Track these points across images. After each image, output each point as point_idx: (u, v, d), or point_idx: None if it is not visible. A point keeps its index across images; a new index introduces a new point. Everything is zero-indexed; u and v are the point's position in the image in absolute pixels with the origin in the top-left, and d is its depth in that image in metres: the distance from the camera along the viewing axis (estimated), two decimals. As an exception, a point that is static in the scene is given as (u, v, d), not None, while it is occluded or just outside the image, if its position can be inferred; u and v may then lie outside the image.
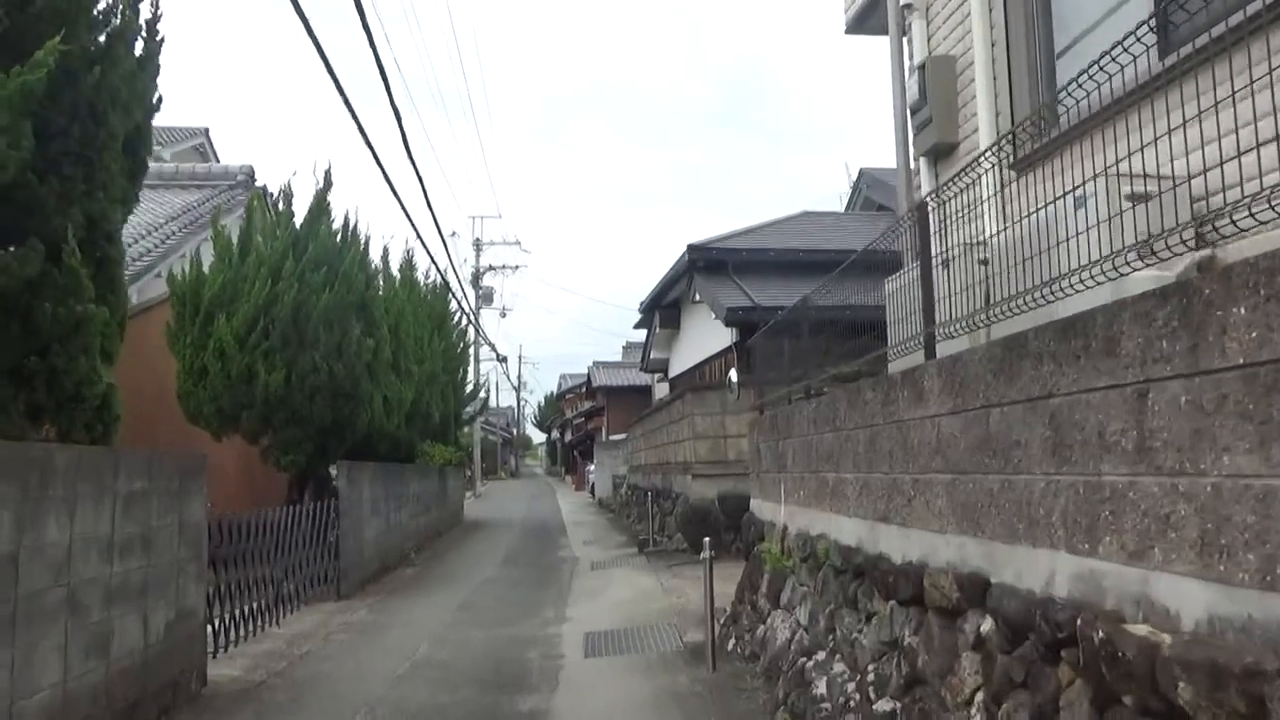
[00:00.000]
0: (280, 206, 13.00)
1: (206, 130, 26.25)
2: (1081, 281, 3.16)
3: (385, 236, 42.12)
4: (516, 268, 47.72)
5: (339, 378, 11.90)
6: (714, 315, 17.39)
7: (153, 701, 5.78)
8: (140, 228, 14.50)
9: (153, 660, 5.80)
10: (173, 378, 11.89)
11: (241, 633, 8.11)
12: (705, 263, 18.28)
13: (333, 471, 11.89)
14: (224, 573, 8.01)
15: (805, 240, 19.32)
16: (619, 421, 40.01)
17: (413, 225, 14.54)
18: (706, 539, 7.40)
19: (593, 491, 35.13)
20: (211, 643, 7.31)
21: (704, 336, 19.65)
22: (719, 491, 13.58)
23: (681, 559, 13.61)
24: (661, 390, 27.03)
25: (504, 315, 51.81)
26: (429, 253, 42.51)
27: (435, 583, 12.60)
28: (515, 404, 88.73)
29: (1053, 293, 3.45)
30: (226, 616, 7.78)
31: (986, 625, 3.26)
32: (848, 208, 24.91)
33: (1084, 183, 3.41)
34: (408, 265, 22.05)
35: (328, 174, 13.01)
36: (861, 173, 24.80)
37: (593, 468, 36.49)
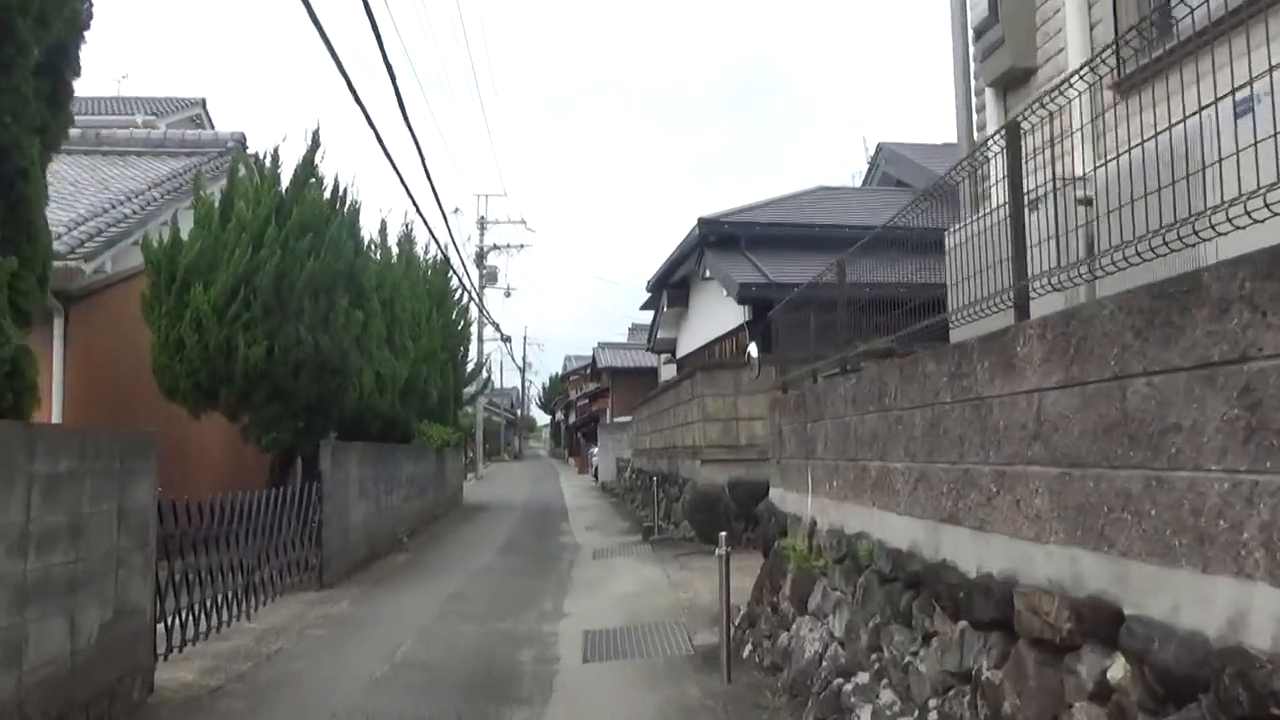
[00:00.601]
0: (266, 170, 12.13)
1: (203, 101, 25.33)
2: (1254, 212, 2.32)
3: (383, 210, 41.02)
4: (522, 247, 46.63)
5: (325, 351, 11.07)
6: (725, 292, 16.53)
7: (81, 713, 4.99)
8: (120, 194, 13.69)
9: (82, 667, 5.00)
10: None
11: (204, 628, 7.31)
12: (717, 237, 17.40)
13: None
14: (187, 561, 7.22)
15: (822, 215, 18.41)
16: (624, 403, 39.27)
17: (409, 194, 13.82)
18: (724, 534, 6.59)
19: (596, 475, 34.40)
20: (165, 642, 6.52)
21: (714, 315, 18.79)
22: (730, 478, 12.77)
23: (689, 549, 12.82)
24: (668, 372, 26.21)
25: (508, 295, 51.00)
26: (429, 228, 41.75)
27: (427, 571, 11.82)
28: (520, 385, 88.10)
29: (1196, 231, 2.61)
30: (185, 612, 6.98)
31: (1117, 670, 2.43)
32: (865, 184, 23.95)
33: (1251, 81, 2.54)
34: (406, 239, 21.27)
35: (315, 135, 12.15)
36: (880, 148, 23.82)
37: (596, 450, 35.75)
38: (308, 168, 11.99)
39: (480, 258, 45.07)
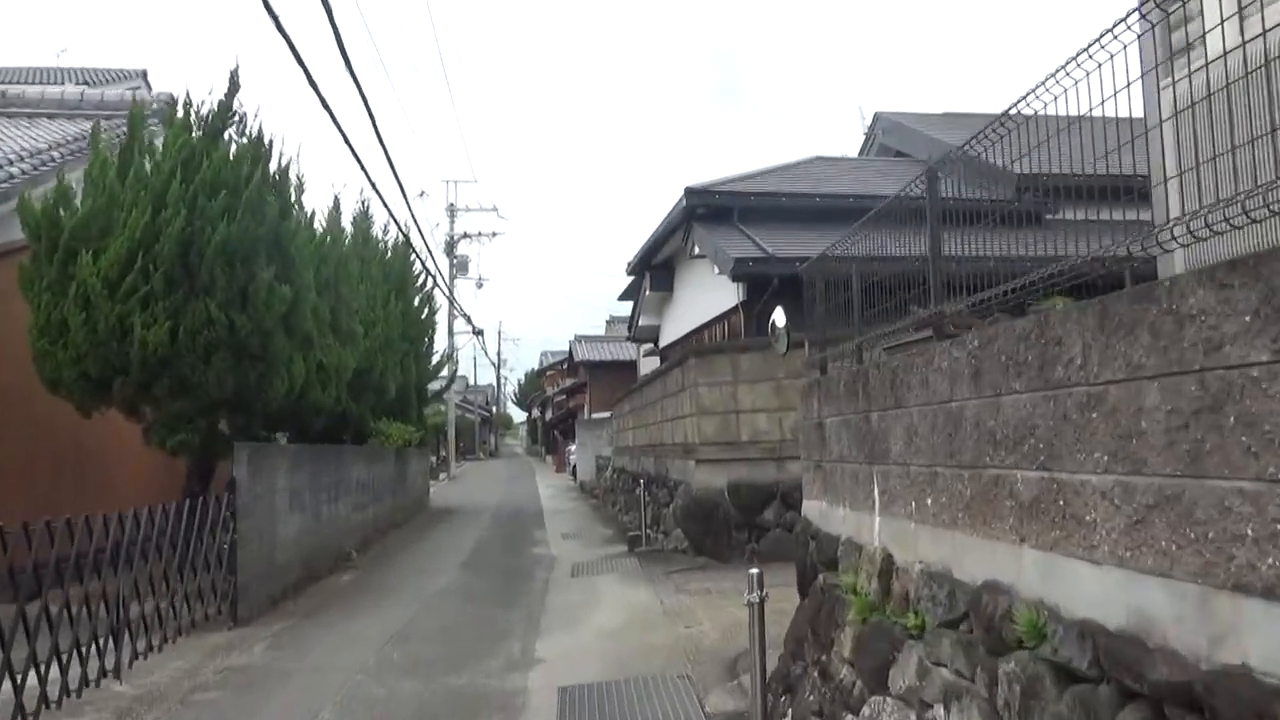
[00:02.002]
0: (176, 118, 10.13)
1: (144, 73, 23.08)
2: None
3: (335, 186, 38.75)
4: (494, 235, 44.81)
5: (242, 333, 9.12)
6: (716, 270, 14.68)
7: None
8: (12, 153, 11.65)
9: None
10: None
11: (43, 702, 5.38)
12: (706, 210, 15.55)
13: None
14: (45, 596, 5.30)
15: (821, 185, 16.62)
16: (602, 399, 37.42)
17: (358, 160, 12.01)
18: (754, 571, 4.77)
19: (574, 474, 32.50)
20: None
21: (703, 297, 16.94)
22: (729, 480, 10.93)
23: (683, 563, 10.98)
24: (648, 365, 24.36)
25: (480, 286, 48.88)
26: (388, 208, 39.42)
27: (372, 597, 9.90)
28: (495, 381, 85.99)
29: None
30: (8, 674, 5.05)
31: None
32: (861, 154, 22.20)
33: None
34: (362, 217, 19.35)
35: (234, 76, 10.15)
36: (877, 117, 22.13)
37: (574, 448, 33.82)
38: (223, 114, 10.02)
39: (450, 246, 42.99)
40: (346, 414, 14.99)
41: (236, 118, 10.10)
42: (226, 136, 10.20)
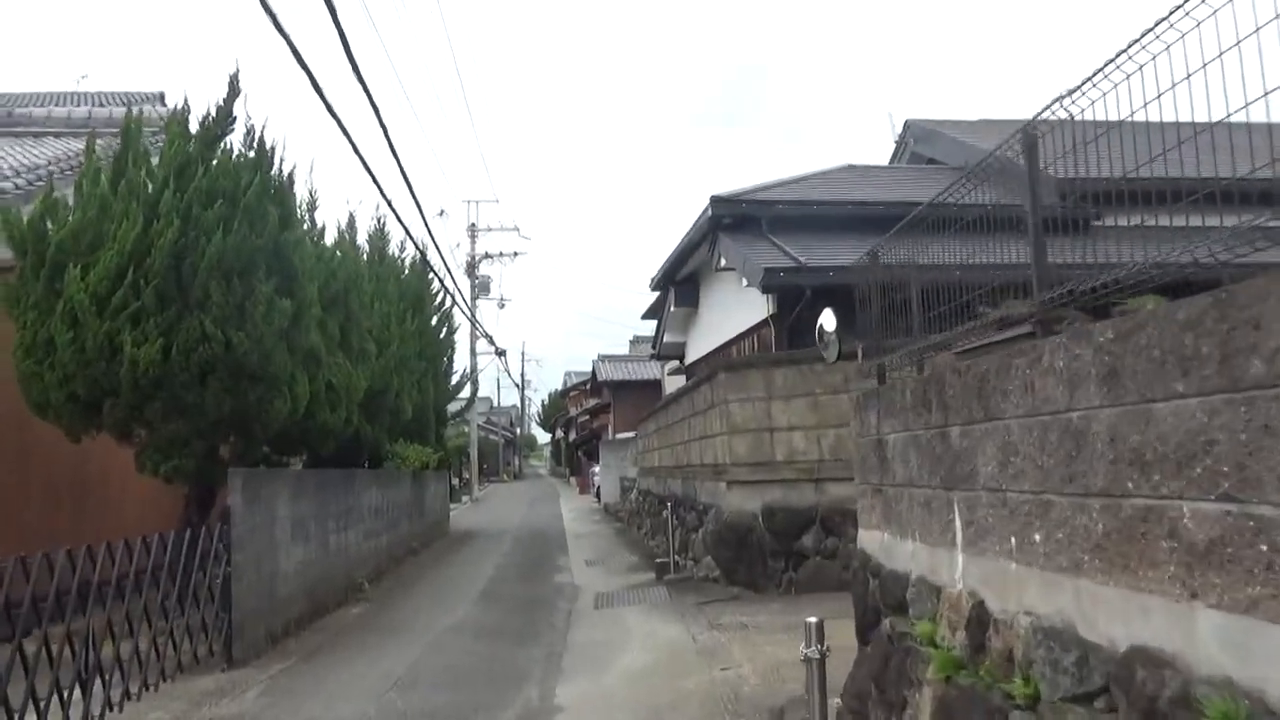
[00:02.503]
0: (173, 125, 9.58)
1: (160, 95, 22.79)
2: None
3: (354, 206, 38.34)
4: (515, 254, 44.05)
5: (239, 350, 8.49)
6: (745, 282, 13.95)
7: None
8: (9, 169, 11.21)
9: None
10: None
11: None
12: (733, 219, 14.84)
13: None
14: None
15: (852, 193, 15.88)
16: (626, 419, 36.69)
17: (373, 177, 11.34)
18: (812, 620, 4.02)
19: (598, 496, 31.75)
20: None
21: (730, 312, 16.21)
22: (764, 503, 10.16)
23: (715, 593, 10.20)
24: (673, 384, 23.61)
25: (502, 306, 48.56)
26: (403, 224, 38.81)
27: (380, 634, 9.18)
28: (519, 402, 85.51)
29: None
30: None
31: None
32: (892, 163, 21.44)
33: None
34: (378, 235, 18.83)
35: (233, 81, 9.60)
36: (908, 125, 21.38)
37: (598, 469, 33.09)
38: (222, 120, 9.46)
39: (471, 267, 42.62)
40: (360, 436, 14.39)
41: (238, 124, 9.53)
42: (227, 144, 9.66)
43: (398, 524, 15.24)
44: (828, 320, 5.54)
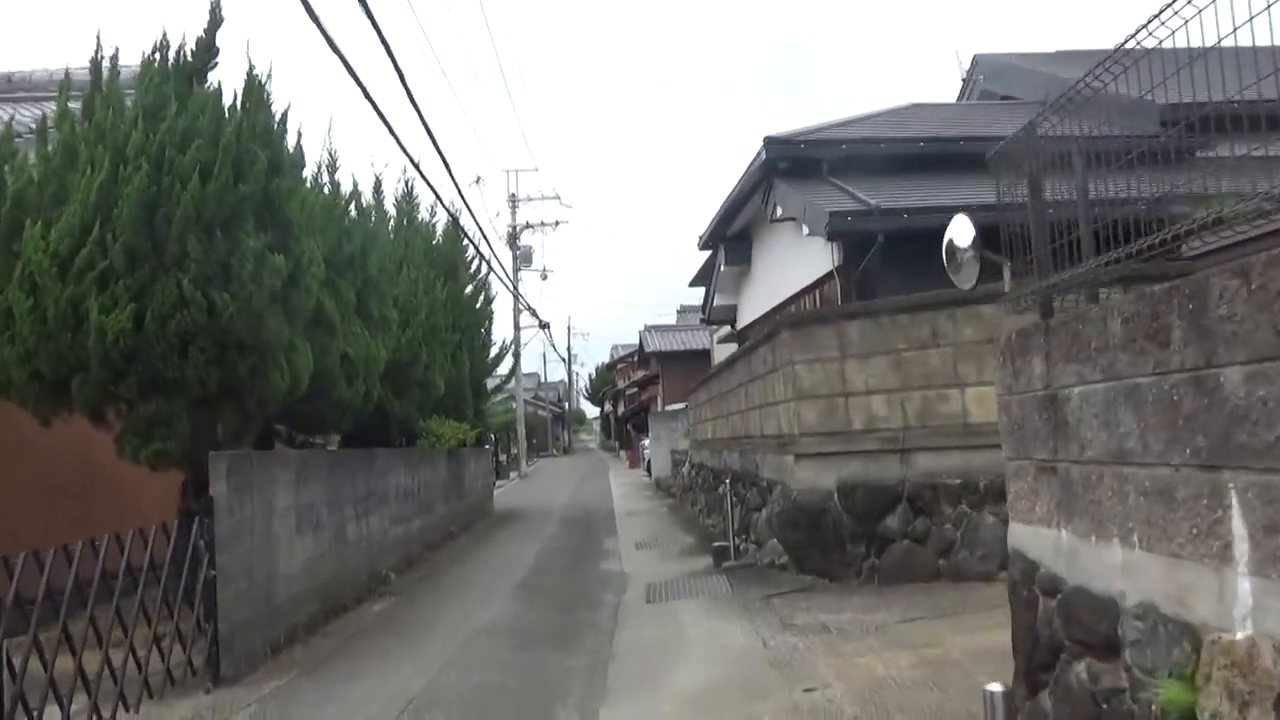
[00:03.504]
0: (153, 64, 8.35)
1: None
2: None
3: (375, 167, 36.81)
4: (557, 224, 42.67)
5: (225, 316, 7.28)
6: (805, 231, 12.46)
7: None
8: (-10, 125, 10.10)
9: None
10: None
11: None
12: (790, 163, 13.31)
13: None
14: None
15: (927, 131, 14.24)
16: (675, 390, 35.43)
17: (381, 116, 10.08)
18: (997, 690, 2.63)
19: (649, 469, 30.50)
20: None
21: (787, 267, 14.73)
22: (839, 479, 8.74)
23: (783, 583, 8.84)
24: (723, 352, 22.21)
25: (545, 277, 47.15)
26: (434, 190, 37.81)
27: (401, 638, 8.00)
28: (566, 376, 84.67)
29: None
30: None
31: None
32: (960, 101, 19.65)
33: None
34: (406, 199, 17.64)
35: (215, 9, 8.31)
36: (976, 60, 19.56)
37: (647, 442, 31.84)
38: (203, 53, 8.22)
39: (513, 238, 41.41)
40: (387, 412, 13.25)
41: (230, 66, 8.28)
42: (215, 85, 8.41)
43: (432, 507, 14.10)
44: (960, 231, 4.07)
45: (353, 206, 11.51)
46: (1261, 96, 2.61)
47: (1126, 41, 3.02)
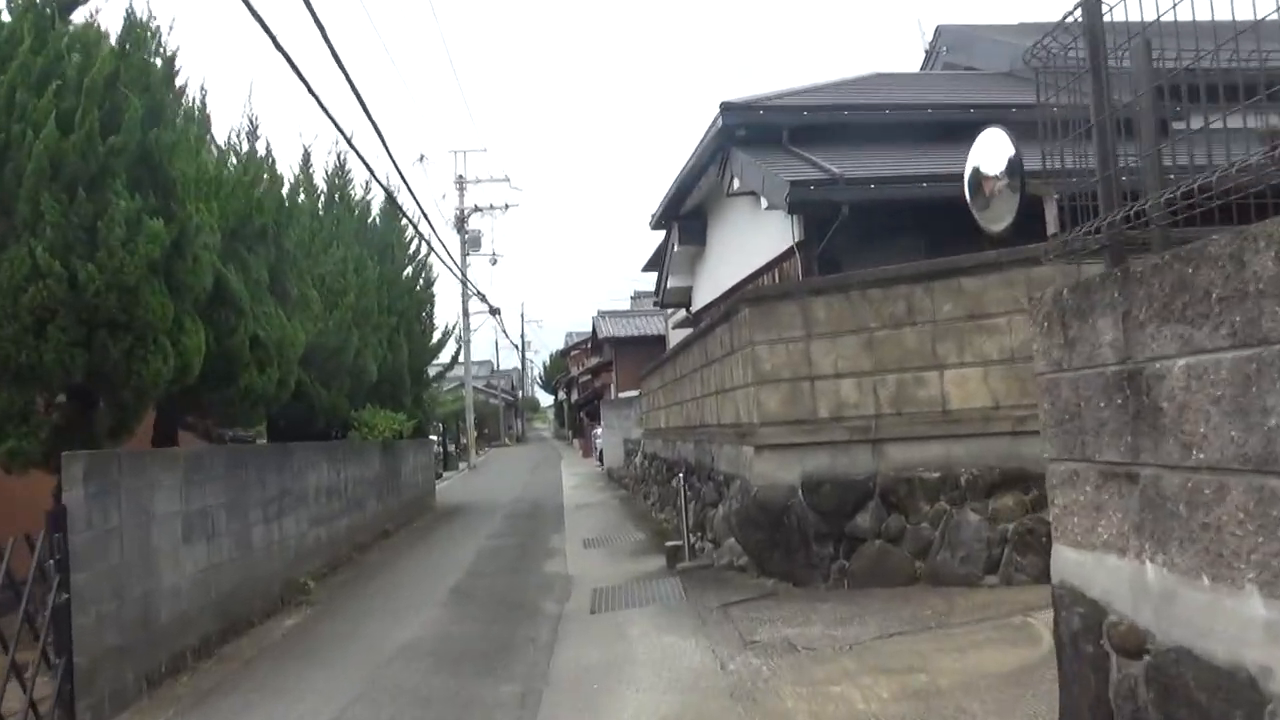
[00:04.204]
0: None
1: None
2: None
3: (312, 142, 34.81)
4: (507, 207, 41.33)
5: (90, 289, 6.18)
6: (764, 204, 11.59)
7: None
8: None
9: None
10: None
11: None
12: (748, 131, 12.40)
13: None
14: None
15: (890, 98, 13.42)
16: (629, 377, 34.46)
17: (297, 72, 9.20)
18: None
19: (601, 459, 29.58)
20: None
21: (746, 244, 13.86)
22: (804, 472, 7.87)
23: (742, 588, 7.97)
24: (679, 337, 21.32)
25: (495, 262, 45.77)
26: (367, 165, 35.92)
27: (309, 661, 6.97)
28: (520, 364, 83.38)
29: None
30: None
31: None
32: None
33: None
34: (338, 172, 16.46)
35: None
36: (939, 31, 18.81)
37: (600, 431, 30.90)
38: (68, -18, 7.04)
39: (460, 221, 40.12)
40: (314, 403, 12.16)
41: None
42: (97, 27, 7.24)
43: (362, 504, 13.02)
44: (989, 152, 3.11)
45: (266, 174, 10.34)
46: None
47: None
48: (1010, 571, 6.77)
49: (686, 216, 16.97)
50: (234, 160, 10.57)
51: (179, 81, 8.86)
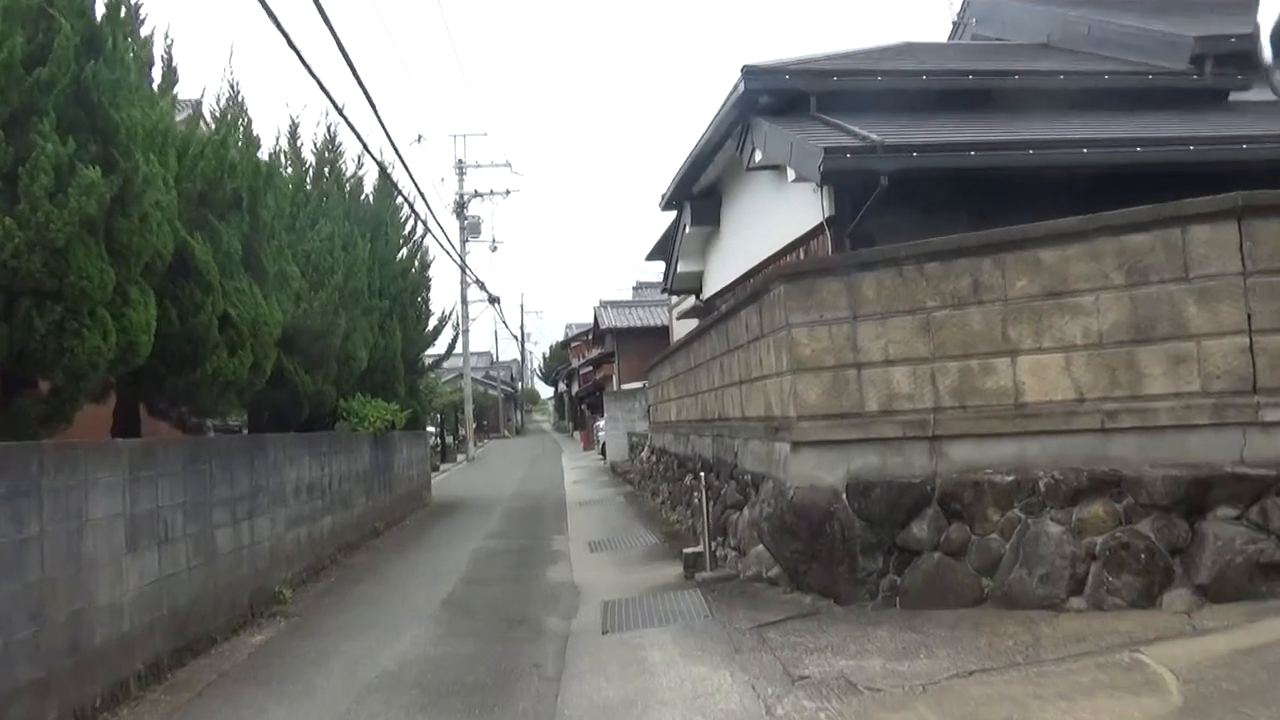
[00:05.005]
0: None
1: None
2: None
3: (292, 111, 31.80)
4: (508, 192, 40.24)
5: (6, 248, 5.14)
6: (791, 176, 10.52)
7: None
8: None
9: None
10: None
11: None
12: (773, 98, 11.33)
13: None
14: None
15: (925, 65, 12.37)
16: (632, 368, 33.57)
17: (276, 23, 8.45)
18: None
19: (603, 452, 28.63)
20: None
21: (767, 223, 12.82)
22: (850, 473, 6.84)
23: (776, 604, 6.95)
24: (683, 329, 20.30)
25: (495, 249, 44.62)
26: (359, 136, 34.33)
27: (272, 688, 5.95)
28: (519, 354, 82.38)
29: None
30: None
31: None
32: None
33: None
34: (328, 145, 15.40)
35: None
36: (968, 2, 17.72)
37: (602, 423, 29.96)
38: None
39: (460, 207, 39.08)
40: (296, 390, 11.14)
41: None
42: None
43: (349, 501, 12.00)
44: None
45: (240, 134, 9.29)
46: None
47: None
48: (1101, 594, 5.73)
49: (699, 195, 15.92)
50: (209, 124, 9.56)
51: (144, 31, 7.91)
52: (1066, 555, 5.91)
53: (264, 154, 9.94)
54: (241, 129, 9.46)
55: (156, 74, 8.16)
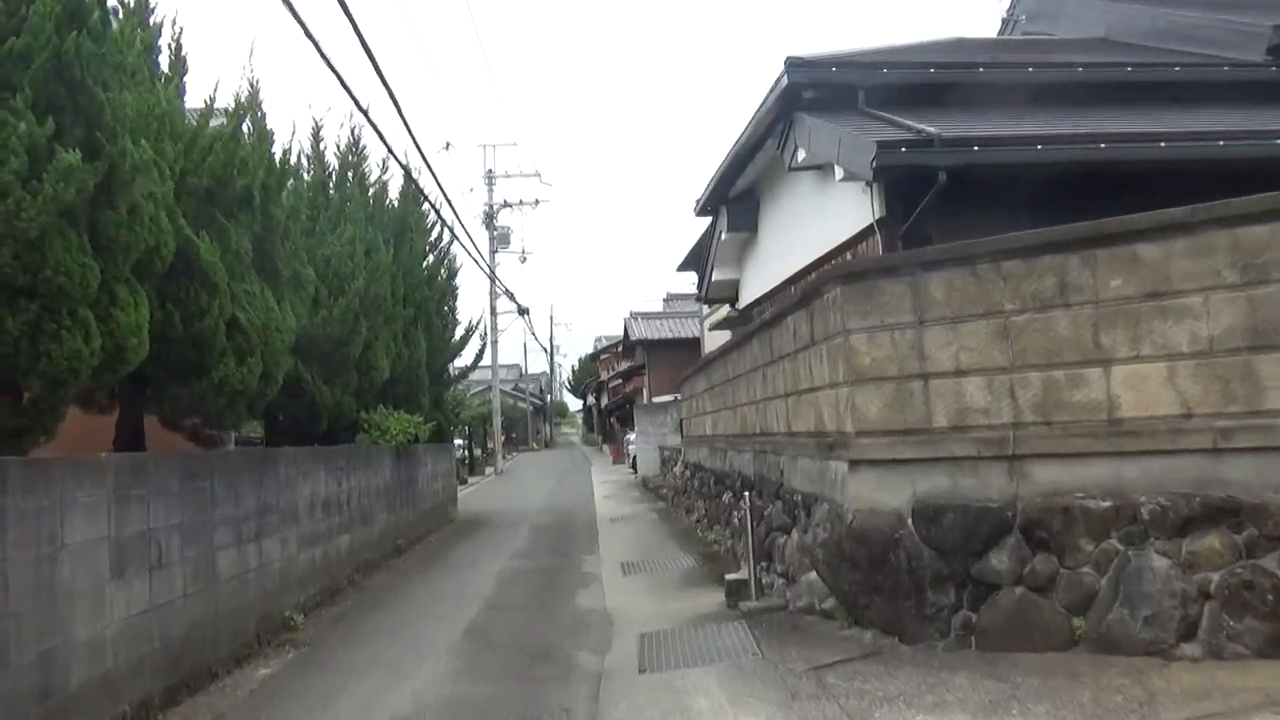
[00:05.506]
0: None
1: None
2: None
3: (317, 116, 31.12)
4: (537, 202, 40.04)
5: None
6: (839, 175, 9.81)
7: None
8: None
9: None
10: None
11: None
12: (817, 91, 10.61)
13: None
14: None
15: (980, 58, 11.62)
16: (663, 381, 32.92)
17: (317, 47, 8.17)
18: None
19: (634, 466, 27.94)
20: None
21: (808, 228, 12.10)
22: (917, 496, 6.10)
23: (834, 643, 6.21)
24: (713, 341, 19.61)
25: (524, 260, 44.46)
26: (384, 140, 33.74)
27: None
28: (548, 368, 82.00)
29: None
30: None
31: None
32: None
33: None
34: (352, 148, 14.88)
35: None
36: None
37: (633, 437, 29.28)
38: None
39: (490, 217, 38.69)
40: (313, 400, 10.59)
41: None
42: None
43: (369, 518, 11.39)
44: None
45: (251, 129, 8.74)
46: None
47: None
48: (1220, 640, 4.95)
49: (736, 200, 15.22)
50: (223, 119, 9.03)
51: (152, 20, 7.44)
52: (1176, 593, 5.13)
53: (278, 150, 9.37)
54: (254, 123, 8.90)
55: (164, 62, 7.68)
